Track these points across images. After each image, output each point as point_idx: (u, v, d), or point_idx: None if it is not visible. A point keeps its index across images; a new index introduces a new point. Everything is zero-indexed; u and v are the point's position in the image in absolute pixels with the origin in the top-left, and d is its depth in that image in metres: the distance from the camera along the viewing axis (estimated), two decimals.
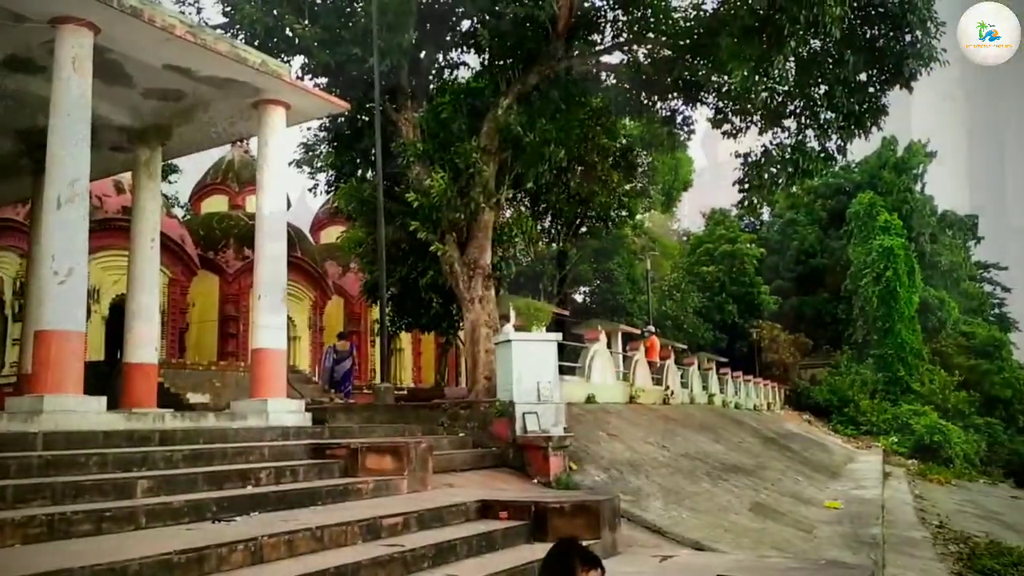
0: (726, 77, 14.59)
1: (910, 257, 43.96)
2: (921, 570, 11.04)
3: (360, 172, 16.57)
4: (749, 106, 15.26)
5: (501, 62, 14.81)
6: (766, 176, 15.72)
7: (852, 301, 44.35)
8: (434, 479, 9.05)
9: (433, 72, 16.58)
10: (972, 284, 59.35)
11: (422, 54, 15.70)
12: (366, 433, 10.33)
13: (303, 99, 11.09)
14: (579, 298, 33.38)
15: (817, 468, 20.90)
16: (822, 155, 15.37)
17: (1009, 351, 54.17)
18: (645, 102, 16.49)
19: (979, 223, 59.08)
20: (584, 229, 27.19)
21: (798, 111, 15.06)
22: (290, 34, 13.85)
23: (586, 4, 15.00)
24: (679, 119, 16.84)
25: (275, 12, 13.81)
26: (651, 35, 15.19)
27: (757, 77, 13.39)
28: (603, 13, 15.49)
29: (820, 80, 14.36)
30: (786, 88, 14.79)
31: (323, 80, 14.98)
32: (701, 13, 14.54)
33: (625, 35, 15.55)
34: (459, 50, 16.62)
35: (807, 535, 11.13)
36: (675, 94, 16.07)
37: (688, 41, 14.56)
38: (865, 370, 42.02)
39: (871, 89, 14.18)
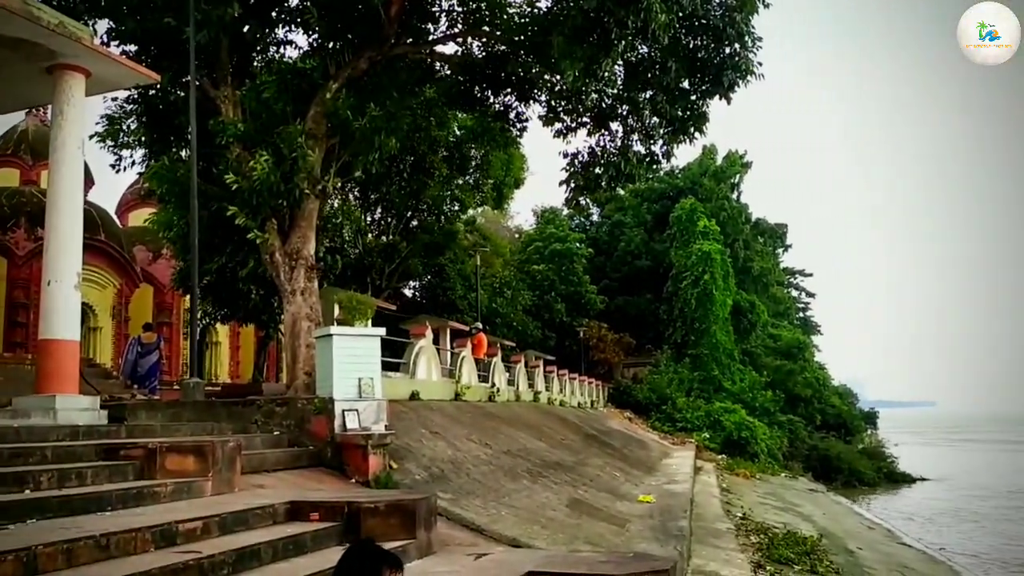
0: (558, 76, 14.78)
1: (726, 262, 46.80)
2: (724, 560, 11.62)
3: (174, 151, 15.43)
4: (579, 107, 15.54)
5: (331, 44, 14.20)
6: (591, 177, 16.06)
7: (672, 302, 46.54)
8: (243, 480, 8.56)
9: (257, 49, 15.65)
10: (780, 289, 64.11)
11: (245, 28, 14.77)
12: (169, 432, 9.62)
13: (106, 67, 10.30)
14: (409, 293, 32.99)
15: (634, 464, 21.70)
16: (646, 159, 15.87)
17: (811, 353, 59.15)
18: (478, 95, 16.38)
19: (787, 232, 63.58)
20: (415, 223, 26.92)
21: (625, 115, 15.48)
22: None
23: None
24: (512, 115, 16.86)
25: None
26: (485, 28, 15.16)
27: (587, 78, 13.61)
28: (438, 1, 15.26)
29: (646, 86, 14.81)
30: (615, 91, 15.18)
31: (132, 48, 13.77)
32: (535, 10, 14.63)
33: (460, 26, 15.41)
34: (286, 27, 15.79)
35: (620, 529, 11.41)
36: (508, 89, 16.09)
37: (522, 37, 14.62)
38: (683, 369, 44.29)
39: (693, 97, 14.78)
